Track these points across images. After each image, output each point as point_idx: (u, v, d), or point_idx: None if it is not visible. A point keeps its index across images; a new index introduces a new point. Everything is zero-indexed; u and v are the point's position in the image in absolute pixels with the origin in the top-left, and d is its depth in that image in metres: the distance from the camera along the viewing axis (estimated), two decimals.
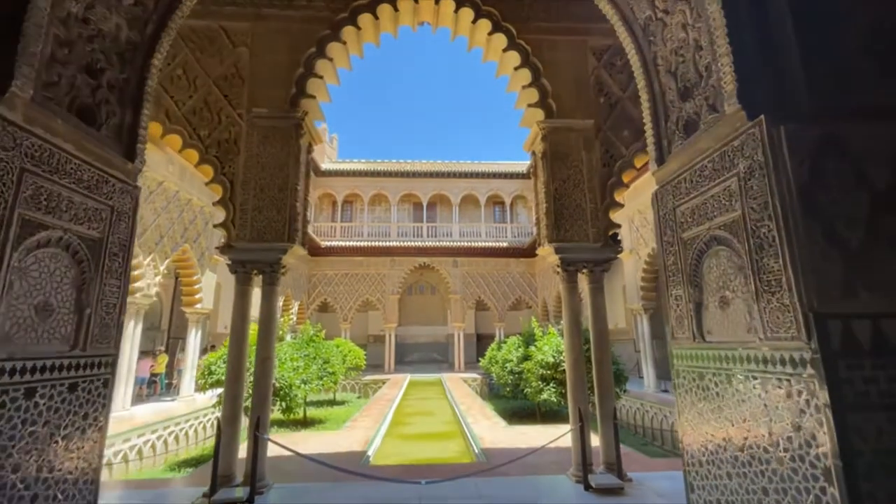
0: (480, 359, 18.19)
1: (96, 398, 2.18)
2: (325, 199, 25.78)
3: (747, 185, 1.92)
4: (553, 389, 9.86)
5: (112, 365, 2.33)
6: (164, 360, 14.12)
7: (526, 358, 12.49)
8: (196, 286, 12.51)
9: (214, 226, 5.29)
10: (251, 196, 5.16)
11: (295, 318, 20.72)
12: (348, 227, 24.59)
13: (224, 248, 5.11)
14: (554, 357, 10.06)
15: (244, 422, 5.71)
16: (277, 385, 9.09)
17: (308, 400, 15.40)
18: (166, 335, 16.24)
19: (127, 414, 9.86)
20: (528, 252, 24.09)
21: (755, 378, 1.88)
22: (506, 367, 13.44)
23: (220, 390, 8.72)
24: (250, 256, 5.12)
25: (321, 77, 5.66)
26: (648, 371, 13.29)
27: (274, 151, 5.29)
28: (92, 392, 2.15)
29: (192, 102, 5.43)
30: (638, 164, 5.73)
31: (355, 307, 23.74)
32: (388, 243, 23.64)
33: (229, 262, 5.15)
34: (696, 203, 2.19)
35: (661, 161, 2.49)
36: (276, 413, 10.46)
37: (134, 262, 10.16)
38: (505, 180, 25.69)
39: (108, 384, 2.29)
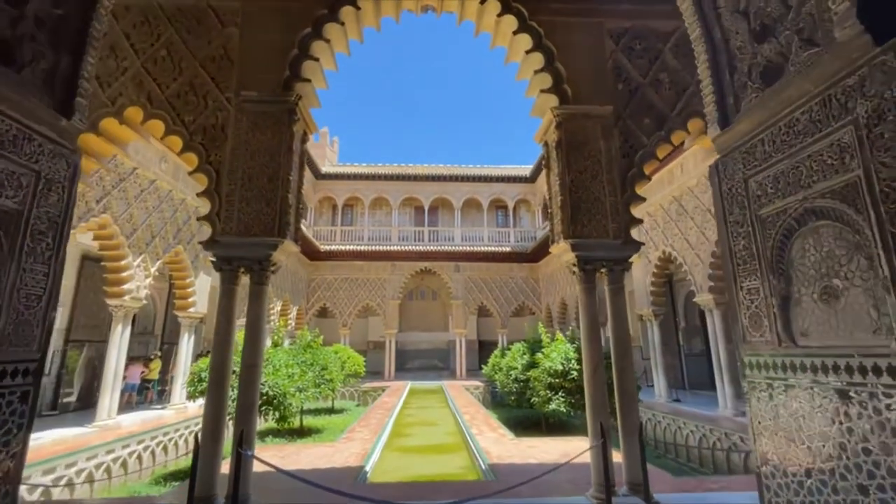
0: (483, 366, 17.69)
1: (9, 417, 1.70)
2: (326, 202, 25.41)
3: (873, 134, 1.45)
4: (562, 399, 9.34)
5: (35, 374, 1.84)
6: (157, 366, 13.61)
7: (532, 365, 11.99)
8: (189, 289, 12.04)
9: (198, 219, 4.83)
10: (238, 186, 4.71)
11: (293, 324, 20.22)
12: (348, 230, 24.17)
13: (208, 244, 4.64)
14: (563, 365, 9.55)
15: (228, 434, 5.22)
16: (271, 393, 8.59)
17: (305, 408, 14.88)
18: (160, 340, 15.74)
19: (112, 423, 9.36)
20: (532, 257, 23.65)
21: (891, 396, 1.40)
22: (510, 375, 12.95)
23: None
24: (237, 252, 4.65)
25: (317, 59, 5.23)
26: (659, 380, 12.77)
27: (264, 138, 4.84)
28: (2, 409, 1.67)
29: (177, 86, 4.99)
30: (661, 154, 5.28)
31: (355, 312, 23.27)
32: (388, 247, 23.20)
33: (214, 259, 4.68)
34: (781, 169, 1.71)
35: (724, 123, 2.02)
36: (269, 422, 9.93)
37: (123, 262, 9.72)
38: (508, 184, 25.29)
39: (27, 398, 1.79)
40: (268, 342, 14.59)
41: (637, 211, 5.15)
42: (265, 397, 8.55)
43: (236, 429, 4.30)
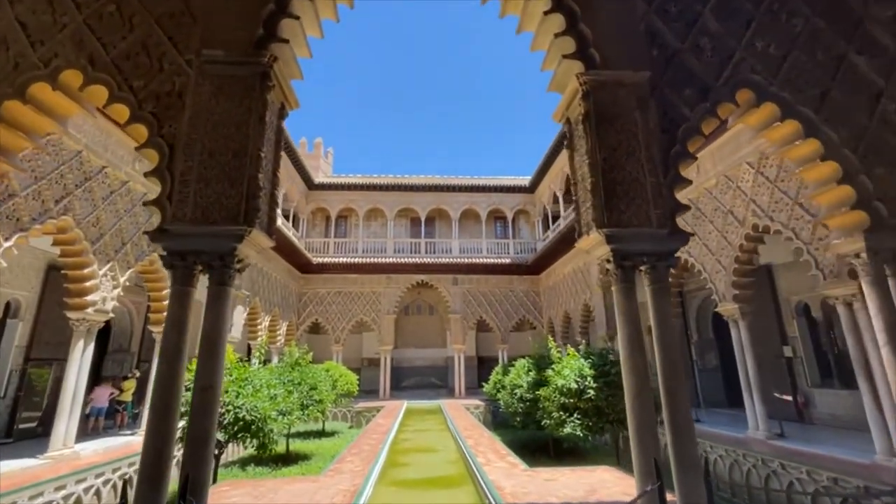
0: (484, 384, 16.68)
1: None
2: (319, 213, 24.56)
3: None
4: (577, 422, 8.33)
5: None
6: (131, 386, 12.46)
7: (539, 383, 11.02)
8: (165, 302, 10.99)
9: (145, 204, 3.91)
10: (196, 163, 3.81)
11: (283, 340, 19.12)
12: (342, 242, 23.24)
13: (156, 234, 3.71)
14: (577, 383, 8.57)
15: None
16: (248, 418, 7.54)
17: (292, 431, 13.77)
18: (136, 358, 14.59)
19: (69, 453, 8.23)
20: (533, 269, 22.82)
21: None
22: (515, 394, 11.95)
23: (181, 423, 7.04)
24: (192, 245, 3.72)
25: (297, 18, 4.40)
26: None
27: (230, 107, 3.97)
28: None
29: (126, 45, 4.14)
30: (706, 130, 4.46)
31: (348, 328, 22.20)
32: (383, 260, 22.29)
33: (164, 254, 3.75)
34: None
35: None
36: (250, 449, 8.85)
37: (86, 270, 8.73)
38: (506, 194, 24.59)
39: None
40: (254, 362, 13.56)
41: (682, 197, 4.30)
42: (242, 423, 7.51)
43: (183, 471, 3.31)
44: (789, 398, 11.58)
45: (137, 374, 13.03)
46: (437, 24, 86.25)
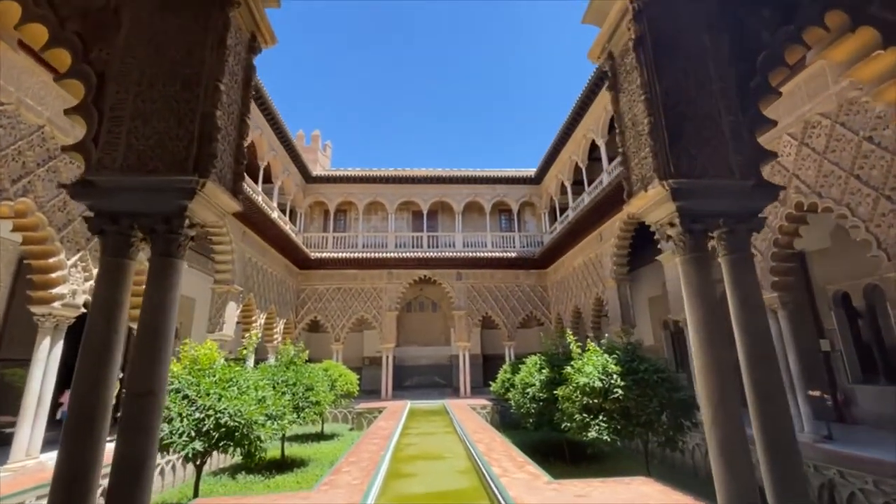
0: (491, 382, 15.78)
1: None
2: (317, 207, 23.68)
3: None
4: (604, 425, 7.39)
5: None
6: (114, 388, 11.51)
7: (554, 381, 10.10)
8: None
9: (63, 150, 2.97)
10: (132, 95, 2.88)
11: (279, 338, 18.22)
12: (341, 237, 22.34)
13: (76, 188, 2.78)
14: (602, 381, 7.62)
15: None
16: (231, 424, 6.62)
17: (289, 435, 12.89)
18: (122, 358, 13.66)
19: (32, 464, 7.35)
20: (539, 263, 21.90)
21: None
22: (527, 394, 11.03)
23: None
24: (126, 204, 2.79)
25: None
26: None
27: (179, 23, 3.03)
28: None
29: None
30: (791, 59, 3.51)
31: (349, 326, 21.31)
32: (384, 254, 21.37)
33: (89, 215, 2.83)
34: None
35: None
36: (236, 457, 7.92)
37: (53, 260, 7.82)
38: (511, 186, 23.64)
39: None
40: (249, 362, 12.66)
41: (765, 141, 3.37)
42: (223, 430, 6.59)
43: None
44: (817, 394, 10.64)
45: (121, 376, 12.07)
46: (437, 19, 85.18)
